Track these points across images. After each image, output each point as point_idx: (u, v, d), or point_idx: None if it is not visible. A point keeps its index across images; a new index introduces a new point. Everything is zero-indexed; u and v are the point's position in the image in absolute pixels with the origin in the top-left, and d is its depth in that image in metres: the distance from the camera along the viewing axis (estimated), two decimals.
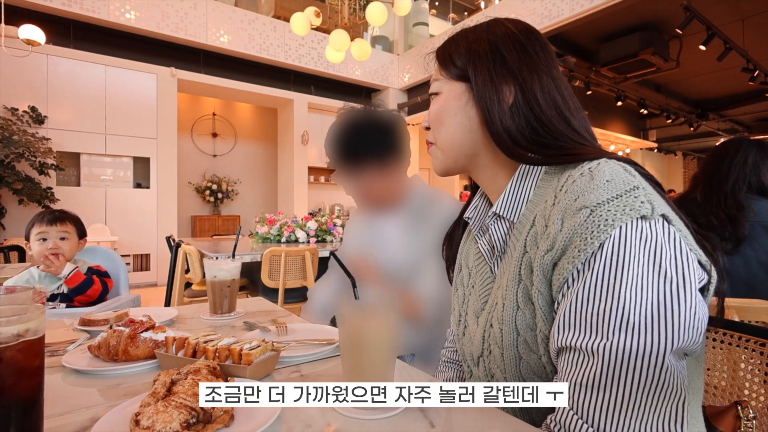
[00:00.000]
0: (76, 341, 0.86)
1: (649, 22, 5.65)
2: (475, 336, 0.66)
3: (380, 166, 1.11)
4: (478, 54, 0.64)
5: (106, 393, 0.63)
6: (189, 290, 3.28)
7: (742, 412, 0.67)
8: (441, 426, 0.51)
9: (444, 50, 0.69)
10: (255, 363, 0.64)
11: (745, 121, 10.46)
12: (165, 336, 0.74)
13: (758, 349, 0.76)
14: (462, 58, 0.65)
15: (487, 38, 0.65)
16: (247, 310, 1.15)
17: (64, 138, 5.35)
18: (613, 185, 0.49)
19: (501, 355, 0.59)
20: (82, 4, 5.21)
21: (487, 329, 0.63)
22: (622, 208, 0.47)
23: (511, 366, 0.58)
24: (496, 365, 0.61)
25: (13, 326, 0.41)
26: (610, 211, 0.47)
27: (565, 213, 0.50)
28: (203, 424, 0.48)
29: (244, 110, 8.62)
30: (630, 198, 0.47)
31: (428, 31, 8.85)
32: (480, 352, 0.64)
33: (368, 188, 1.14)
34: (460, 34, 0.69)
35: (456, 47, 0.67)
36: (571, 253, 0.48)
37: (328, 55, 4.35)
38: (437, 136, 0.68)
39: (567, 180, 0.53)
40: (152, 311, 1.06)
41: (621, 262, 0.45)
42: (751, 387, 0.76)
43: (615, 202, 0.47)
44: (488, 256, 0.67)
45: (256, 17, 6.61)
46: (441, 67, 0.68)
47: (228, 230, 7.70)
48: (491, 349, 0.62)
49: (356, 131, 1.10)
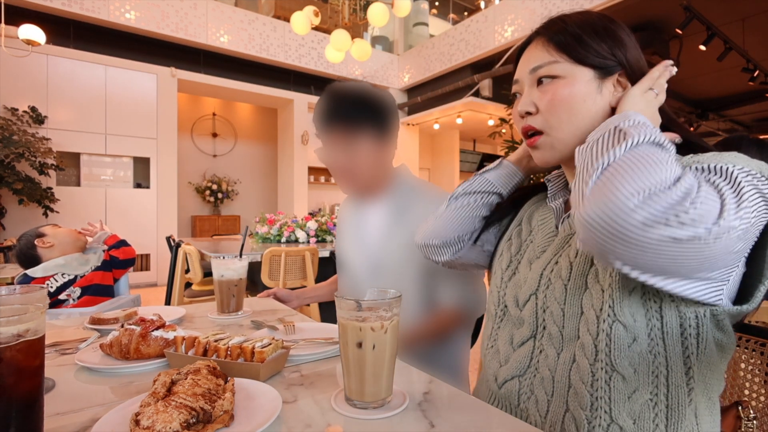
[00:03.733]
0: (86, 340, 0.87)
1: (649, 22, 5.65)
2: (528, 277, 0.67)
3: (375, 140, 1.06)
4: (617, 38, 0.63)
5: (118, 390, 0.64)
6: (189, 290, 3.28)
7: (742, 412, 0.67)
8: (441, 426, 0.51)
9: (566, 31, 0.64)
10: (267, 361, 0.64)
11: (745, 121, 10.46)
12: (174, 335, 0.75)
13: (758, 349, 0.76)
14: (599, 41, 0.62)
15: (608, 22, 0.64)
16: (253, 309, 1.15)
17: (64, 138, 5.35)
18: (739, 156, 0.51)
19: (564, 286, 0.60)
20: (82, 4, 5.21)
21: (549, 266, 0.64)
22: (749, 161, 0.50)
23: (573, 295, 0.59)
24: (554, 297, 0.62)
25: (13, 326, 0.41)
26: (737, 159, 0.50)
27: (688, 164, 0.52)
28: (203, 424, 0.48)
29: (244, 110, 8.62)
30: (757, 162, 0.50)
31: (428, 31, 8.85)
32: (534, 288, 0.65)
33: (359, 161, 1.06)
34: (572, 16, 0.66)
35: (583, 29, 0.63)
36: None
37: (328, 55, 4.35)
38: (554, 123, 0.63)
39: (691, 157, 0.55)
40: (160, 310, 1.06)
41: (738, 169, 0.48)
42: (751, 387, 0.77)
43: (743, 158, 0.50)
44: (558, 215, 0.69)
45: (256, 17, 6.61)
46: (563, 50, 0.63)
47: (228, 230, 7.70)
48: (551, 282, 0.63)
49: (356, 98, 1.04)
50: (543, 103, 0.63)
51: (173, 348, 0.71)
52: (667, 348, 0.53)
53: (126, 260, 1.86)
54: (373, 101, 1.05)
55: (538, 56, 0.64)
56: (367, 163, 1.07)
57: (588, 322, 0.57)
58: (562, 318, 0.60)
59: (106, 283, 1.75)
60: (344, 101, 1.04)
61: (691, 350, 0.53)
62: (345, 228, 1.25)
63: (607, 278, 0.56)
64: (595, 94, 0.61)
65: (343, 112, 1.03)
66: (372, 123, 1.04)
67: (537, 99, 0.64)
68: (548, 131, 0.64)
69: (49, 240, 1.68)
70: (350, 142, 1.04)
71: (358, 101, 1.04)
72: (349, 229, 1.22)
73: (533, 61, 0.65)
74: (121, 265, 1.84)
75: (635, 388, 0.54)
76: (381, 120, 1.05)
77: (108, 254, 1.82)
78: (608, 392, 0.55)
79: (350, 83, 1.07)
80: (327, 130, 1.05)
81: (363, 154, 1.05)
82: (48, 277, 1.60)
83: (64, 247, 1.71)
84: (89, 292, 1.67)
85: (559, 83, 0.62)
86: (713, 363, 0.55)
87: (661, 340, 0.53)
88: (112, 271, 1.81)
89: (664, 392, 0.54)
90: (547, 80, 0.63)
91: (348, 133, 1.03)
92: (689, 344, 0.53)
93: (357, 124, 1.03)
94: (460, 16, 9.92)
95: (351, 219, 1.23)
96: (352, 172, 1.08)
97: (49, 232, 1.70)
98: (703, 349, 0.53)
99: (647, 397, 0.54)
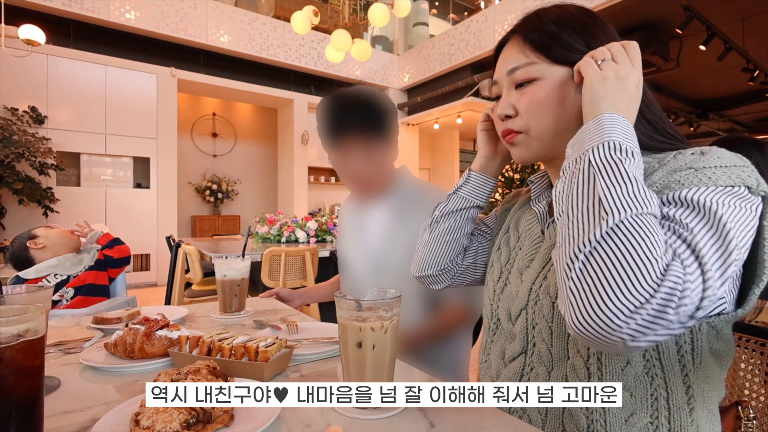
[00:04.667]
0: (90, 339, 0.87)
1: (649, 22, 5.65)
2: (519, 290, 0.66)
3: (383, 143, 1.05)
4: (594, 33, 0.61)
5: (122, 389, 0.64)
6: (189, 290, 3.29)
7: (742, 412, 0.67)
8: (441, 426, 0.51)
9: (541, 29, 0.62)
10: (271, 360, 0.65)
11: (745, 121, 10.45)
12: (178, 335, 0.75)
13: (758, 349, 0.76)
14: (576, 37, 0.60)
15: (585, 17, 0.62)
16: (256, 309, 1.15)
17: (64, 138, 5.35)
18: (724, 159, 0.50)
19: (551, 304, 0.60)
20: (82, 4, 5.21)
21: (538, 281, 0.63)
22: (729, 173, 0.48)
23: (560, 314, 0.58)
24: (542, 315, 0.61)
25: (13, 326, 0.41)
26: (716, 173, 0.48)
27: (669, 172, 0.51)
28: (203, 424, 0.48)
29: (244, 110, 8.62)
30: (739, 170, 0.49)
31: (428, 31, 8.85)
32: (524, 303, 0.64)
33: (375, 167, 1.06)
34: (549, 12, 0.63)
35: (559, 25, 0.61)
36: (665, 191, 0.49)
37: (328, 55, 4.35)
38: (534, 125, 0.62)
39: (674, 155, 0.54)
40: (163, 310, 1.06)
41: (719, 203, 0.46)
42: (751, 387, 0.77)
43: (723, 169, 0.48)
44: (542, 219, 0.69)
45: (256, 17, 6.61)
46: (538, 50, 0.61)
47: (228, 230, 7.70)
48: (539, 299, 0.62)
49: (365, 104, 1.03)
50: (521, 105, 0.63)
51: (177, 347, 0.71)
52: (665, 369, 0.52)
53: (121, 259, 1.83)
54: (379, 105, 1.04)
55: (515, 57, 0.63)
56: (381, 167, 1.07)
57: (577, 343, 0.56)
58: (550, 336, 0.59)
59: (99, 282, 1.73)
60: (355, 107, 1.02)
61: (689, 368, 0.52)
62: (346, 229, 1.24)
63: None
64: (574, 94, 0.60)
65: (356, 118, 1.01)
66: (380, 127, 1.03)
67: (515, 101, 0.63)
68: (527, 132, 0.63)
69: (41, 241, 1.66)
70: (366, 148, 1.03)
71: (368, 106, 1.03)
72: (350, 230, 1.22)
73: (510, 62, 0.64)
74: (116, 264, 1.82)
75: (632, 412, 0.53)
76: (386, 123, 1.05)
77: (102, 253, 1.79)
78: (603, 416, 0.54)
79: (355, 89, 1.06)
80: (340, 138, 1.03)
81: (377, 160, 1.05)
82: (40, 278, 1.59)
83: (57, 248, 1.69)
84: (82, 292, 1.65)
85: (537, 85, 0.61)
86: (711, 376, 0.54)
87: (657, 361, 0.52)
88: (107, 271, 1.79)
89: (666, 415, 0.53)
90: (526, 85, 0.62)
91: (363, 140, 1.02)
92: (686, 361, 0.52)
93: (370, 131, 1.02)
94: (460, 16, 9.92)
95: (352, 220, 1.23)
96: (369, 177, 1.08)
97: (41, 234, 1.69)
98: (699, 363, 0.52)
99: (646, 420, 0.53)
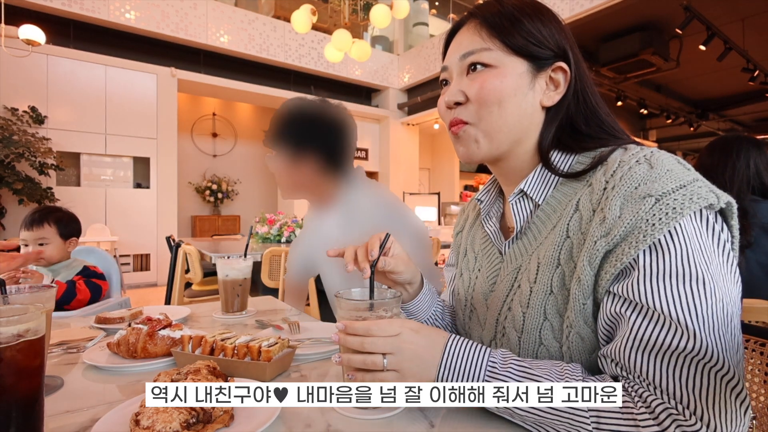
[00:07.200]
0: (93, 339, 0.87)
1: (649, 22, 5.65)
2: (486, 320, 0.64)
3: (321, 164, 1.09)
4: (558, 25, 0.59)
5: (125, 389, 0.64)
6: (189, 290, 3.28)
7: None
8: (441, 426, 0.51)
9: (501, 13, 0.58)
10: (274, 360, 0.65)
11: (745, 121, 10.45)
12: (181, 334, 0.75)
13: (758, 349, 0.76)
14: (538, 24, 0.57)
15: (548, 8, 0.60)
16: (257, 309, 1.15)
17: (64, 138, 5.35)
18: (675, 175, 0.48)
19: (518, 339, 0.57)
20: (82, 4, 5.21)
21: (503, 312, 0.61)
22: (690, 195, 0.47)
23: (527, 350, 0.56)
24: (510, 349, 0.59)
25: (13, 326, 0.41)
26: (677, 200, 0.46)
27: (626, 200, 0.49)
28: (203, 424, 0.48)
29: (244, 110, 8.61)
30: (695, 187, 0.47)
31: (428, 31, 8.84)
32: (492, 336, 0.63)
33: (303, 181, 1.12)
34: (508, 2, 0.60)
35: (521, 10, 0.58)
36: (634, 238, 0.47)
37: (328, 55, 4.35)
38: (484, 117, 0.58)
39: (620, 166, 0.51)
40: (165, 310, 1.07)
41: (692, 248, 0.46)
42: (751, 387, 0.76)
43: (681, 191, 0.47)
44: (496, 239, 0.66)
45: (256, 17, 6.61)
46: (497, 35, 0.57)
47: (228, 230, 7.69)
48: (506, 332, 0.60)
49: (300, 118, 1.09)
50: (472, 92, 0.58)
51: (180, 347, 0.72)
52: None
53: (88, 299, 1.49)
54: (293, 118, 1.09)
55: (470, 41, 0.59)
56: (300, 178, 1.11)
57: None
58: None
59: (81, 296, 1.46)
60: (273, 121, 1.11)
61: None
62: (304, 229, 1.34)
63: (564, 330, 0.53)
64: (527, 89, 0.57)
65: (271, 131, 1.11)
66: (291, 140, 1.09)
67: (466, 87, 0.59)
68: (476, 123, 0.59)
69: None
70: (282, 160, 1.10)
71: (280, 119, 1.10)
72: (306, 233, 1.31)
73: (464, 46, 0.60)
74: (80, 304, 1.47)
75: None
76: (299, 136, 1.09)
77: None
78: None
79: (297, 101, 1.12)
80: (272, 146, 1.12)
81: (295, 171, 1.10)
82: None
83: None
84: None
85: (490, 73, 0.57)
86: None
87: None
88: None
89: None
90: (478, 68, 0.58)
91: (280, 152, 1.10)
92: None
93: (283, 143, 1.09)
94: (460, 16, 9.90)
95: (308, 224, 1.31)
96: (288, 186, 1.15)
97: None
98: None
99: None
